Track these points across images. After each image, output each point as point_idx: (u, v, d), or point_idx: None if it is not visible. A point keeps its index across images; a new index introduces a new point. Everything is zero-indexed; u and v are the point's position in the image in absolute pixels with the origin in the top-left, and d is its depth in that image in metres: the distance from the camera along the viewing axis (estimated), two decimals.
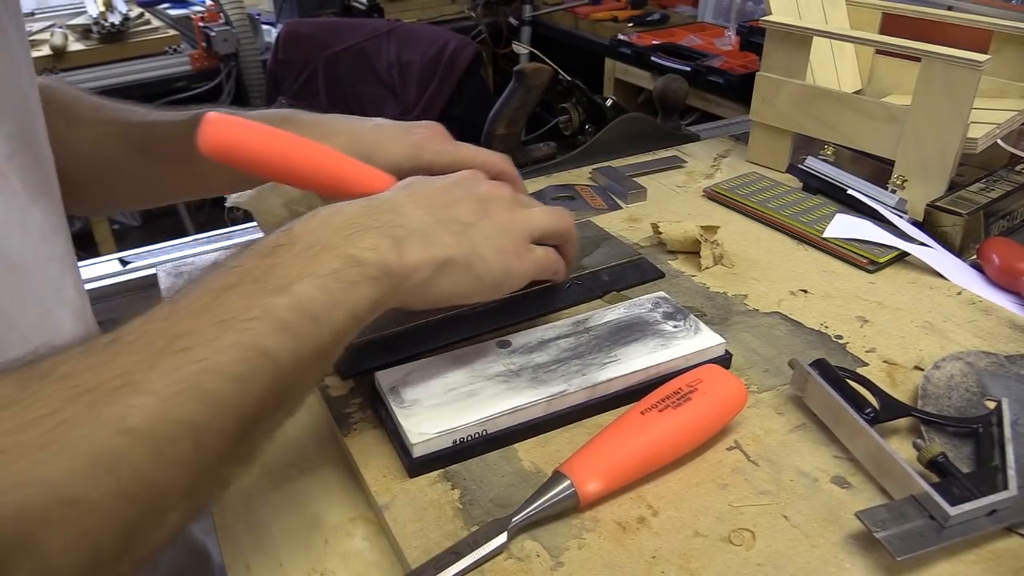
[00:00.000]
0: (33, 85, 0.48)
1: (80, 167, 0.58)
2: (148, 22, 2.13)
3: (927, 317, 0.60)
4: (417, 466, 0.45)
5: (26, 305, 0.42)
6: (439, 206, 0.45)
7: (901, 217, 0.70)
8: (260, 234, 0.44)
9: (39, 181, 0.45)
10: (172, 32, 2.12)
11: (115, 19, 2.01)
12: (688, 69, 1.82)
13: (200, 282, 0.36)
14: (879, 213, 0.71)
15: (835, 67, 0.91)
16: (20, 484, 0.27)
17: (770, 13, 0.82)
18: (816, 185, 0.77)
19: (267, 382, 0.34)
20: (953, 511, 0.39)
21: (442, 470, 0.45)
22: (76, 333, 0.45)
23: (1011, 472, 0.42)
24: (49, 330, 0.43)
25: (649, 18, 2.28)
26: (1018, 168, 0.76)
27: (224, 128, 0.46)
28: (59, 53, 1.92)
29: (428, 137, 0.55)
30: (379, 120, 0.57)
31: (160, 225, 2.56)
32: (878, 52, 0.93)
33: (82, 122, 0.59)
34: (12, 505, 0.27)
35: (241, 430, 0.33)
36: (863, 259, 0.66)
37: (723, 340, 0.52)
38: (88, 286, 0.81)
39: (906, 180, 0.73)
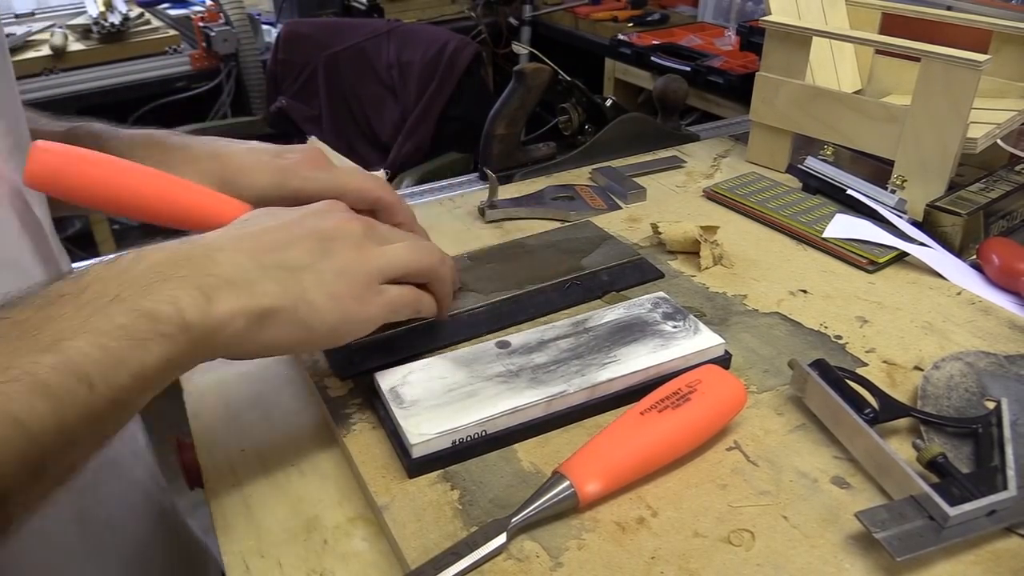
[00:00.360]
0: (15, 86, 0.47)
1: None
2: (148, 22, 2.13)
3: (927, 317, 0.60)
4: (416, 467, 0.45)
5: None
6: (267, 249, 0.41)
7: (901, 217, 0.70)
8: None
9: (18, 152, 0.44)
10: (172, 32, 2.12)
11: (115, 19, 2.01)
12: (688, 69, 1.82)
13: None
14: (879, 213, 0.70)
15: (835, 67, 0.91)
16: None
17: (770, 13, 0.82)
18: (816, 185, 0.77)
19: (18, 453, 0.30)
20: (953, 511, 0.39)
21: (441, 471, 0.45)
22: None
23: (1010, 472, 0.42)
24: None
25: (649, 18, 2.28)
26: (1018, 168, 0.76)
27: (47, 158, 0.43)
28: (59, 53, 1.93)
29: (299, 162, 0.52)
30: (253, 144, 0.54)
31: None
32: (878, 52, 0.93)
33: None
34: None
35: None
36: (863, 259, 0.66)
37: (722, 340, 0.52)
38: None
39: (906, 180, 0.73)
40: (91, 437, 0.34)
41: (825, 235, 0.69)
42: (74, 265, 0.83)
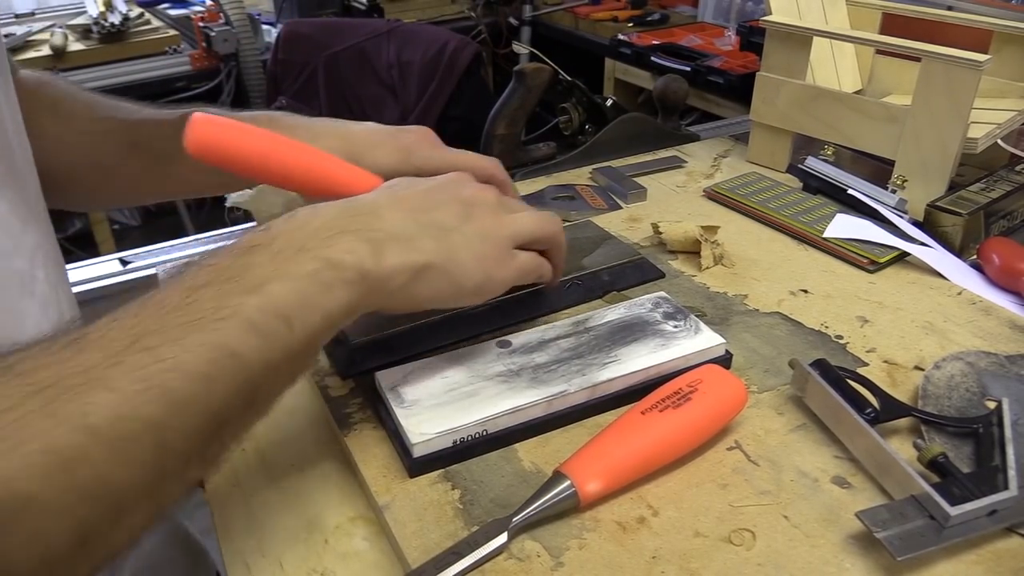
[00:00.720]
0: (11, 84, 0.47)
1: (71, 163, 0.58)
2: (148, 22, 2.14)
3: (927, 317, 0.60)
4: (417, 466, 0.45)
5: None
6: (420, 210, 0.44)
7: (901, 217, 0.70)
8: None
9: (4, 173, 0.44)
10: (172, 32, 2.12)
11: (115, 19, 2.01)
12: (688, 69, 1.82)
13: (173, 280, 0.36)
14: (879, 213, 0.70)
15: (835, 67, 0.91)
16: None
17: (770, 13, 0.82)
18: (816, 185, 0.77)
19: (234, 382, 0.33)
20: (953, 511, 0.39)
21: (442, 470, 0.45)
22: (42, 327, 0.44)
23: (1011, 472, 0.42)
24: (11, 323, 0.43)
25: (649, 18, 2.28)
26: (1018, 168, 0.76)
27: (209, 129, 0.46)
28: (59, 53, 1.93)
29: (417, 141, 0.55)
30: (368, 124, 0.57)
31: (160, 225, 2.56)
32: (878, 52, 0.93)
33: (74, 118, 0.59)
34: None
35: (207, 430, 0.33)
36: (863, 259, 0.66)
37: (723, 340, 0.52)
38: (88, 286, 0.81)
39: (906, 180, 0.73)
40: (289, 372, 0.38)
41: (826, 235, 0.69)
42: (80, 265, 0.83)
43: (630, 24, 2.26)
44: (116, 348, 0.31)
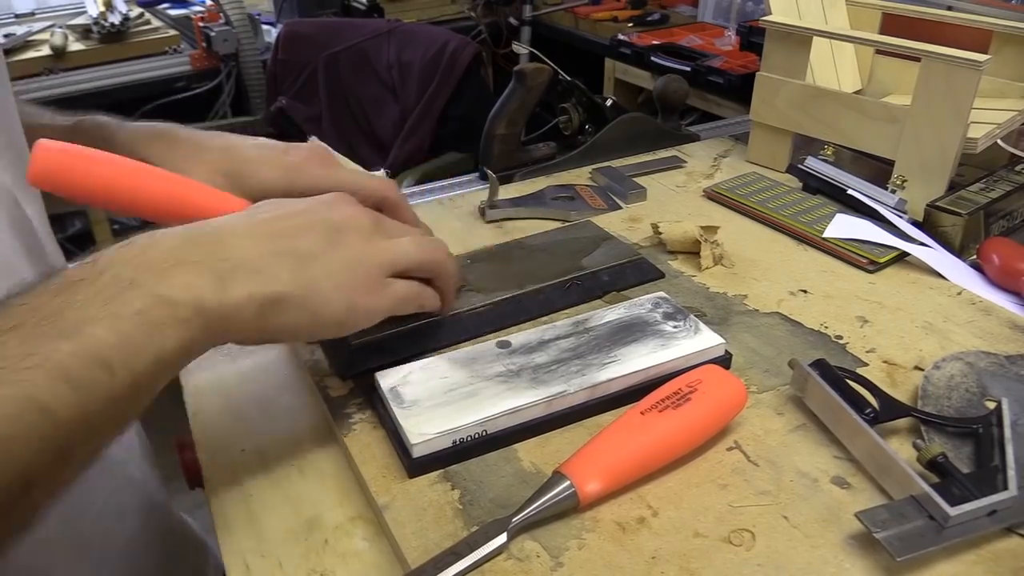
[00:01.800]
0: (8, 84, 0.46)
1: None
2: (148, 22, 2.13)
3: (927, 317, 0.60)
4: (417, 466, 0.45)
5: None
6: (278, 235, 0.41)
7: (901, 217, 0.70)
8: None
9: (7, 149, 0.44)
10: (172, 32, 2.12)
11: (115, 19, 2.01)
12: (688, 69, 1.82)
13: None
14: (879, 213, 0.70)
15: (835, 67, 0.91)
16: None
17: (770, 13, 0.82)
18: (816, 185, 0.77)
19: (43, 439, 0.31)
20: (953, 511, 0.39)
21: (442, 470, 0.45)
22: None
23: (1011, 472, 0.42)
24: None
25: (649, 18, 2.28)
26: (1018, 168, 0.76)
27: (52, 156, 0.43)
28: (59, 53, 1.92)
29: (306, 159, 0.52)
30: (259, 140, 0.54)
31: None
32: (878, 52, 0.93)
33: None
34: None
35: (10, 492, 0.30)
36: (863, 259, 0.66)
37: (723, 340, 0.52)
38: None
39: (906, 180, 0.73)
40: (113, 421, 0.35)
41: (825, 235, 0.69)
42: (72, 266, 0.83)
43: (630, 24, 2.26)
44: None
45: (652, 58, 1.94)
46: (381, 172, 0.61)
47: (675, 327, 0.53)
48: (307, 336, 0.44)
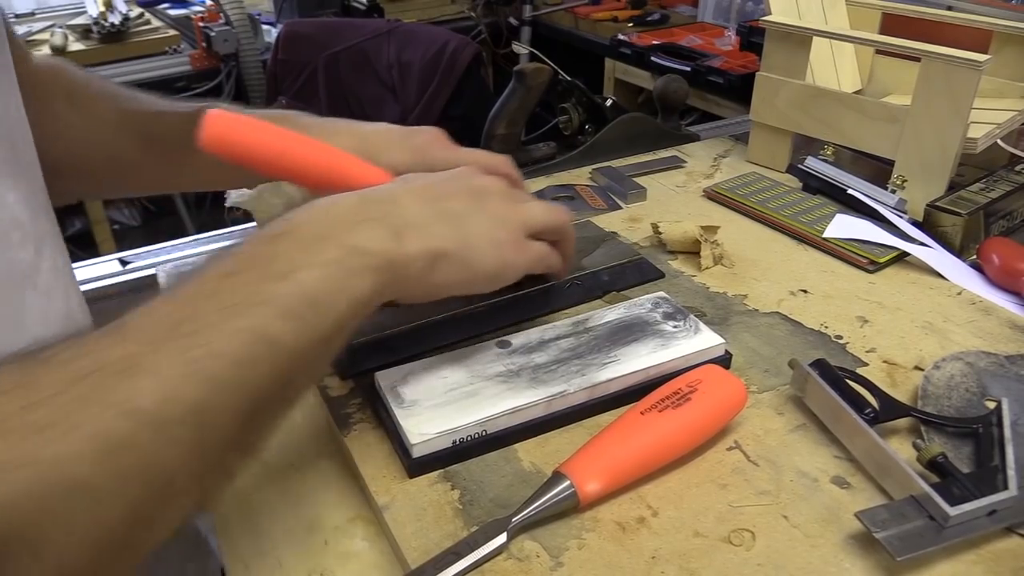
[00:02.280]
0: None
1: (85, 152, 0.59)
2: (148, 22, 2.13)
3: (927, 317, 0.60)
4: (417, 466, 0.45)
5: None
6: (435, 198, 0.45)
7: (901, 217, 0.70)
8: None
9: (11, 163, 0.44)
10: (172, 32, 2.12)
11: (115, 19, 2.01)
12: (688, 69, 1.82)
13: (203, 269, 0.36)
14: (879, 213, 0.70)
15: (835, 67, 0.91)
16: (22, 466, 0.27)
17: (770, 13, 0.82)
18: (816, 185, 0.77)
19: (271, 367, 0.34)
20: (953, 511, 0.39)
21: (442, 470, 0.45)
22: (47, 317, 0.44)
23: (1011, 472, 0.42)
24: (11, 315, 0.42)
25: (649, 18, 2.28)
26: (1018, 168, 0.76)
27: (224, 124, 0.47)
28: (59, 53, 1.92)
29: (430, 141, 0.56)
30: (380, 124, 0.57)
31: (160, 225, 2.56)
32: (878, 52, 0.93)
33: (90, 108, 0.59)
34: (12, 490, 0.26)
35: (245, 415, 0.34)
36: (863, 259, 0.66)
37: (723, 340, 0.52)
38: (88, 286, 0.81)
39: (906, 180, 0.73)
40: (320, 358, 0.39)
41: (825, 235, 0.69)
42: (80, 265, 0.83)
43: (630, 24, 2.26)
44: (155, 335, 0.32)
45: (652, 58, 1.94)
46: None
47: (675, 327, 0.53)
48: (462, 289, 0.46)
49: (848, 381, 0.49)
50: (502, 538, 0.40)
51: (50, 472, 0.27)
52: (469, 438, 0.46)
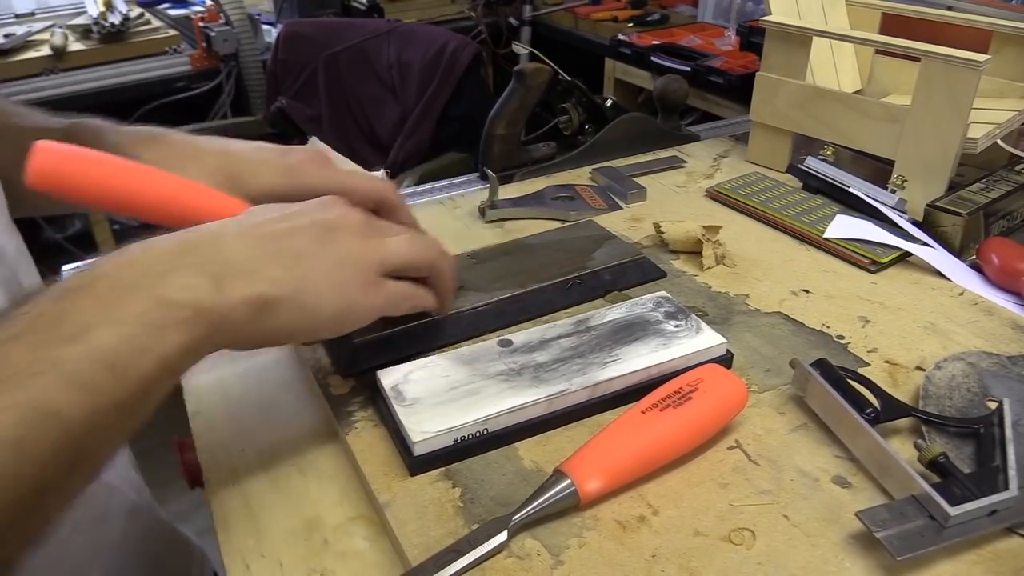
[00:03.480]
0: None
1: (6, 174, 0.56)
2: (148, 22, 2.13)
3: (929, 317, 0.60)
4: (418, 464, 0.45)
5: None
6: (271, 237, 0.42)
7: (901, 217, 0.70)
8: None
9: None
10: (172, 32, 2.12)
11: (115, 19, 2.01)
12: (688, 69, 1.82)
13: None
14: (880, 213, 0.70)
15: (835, 67, 0.91)
16: None
17: (770, 13, 0.82)
18: (816, 185, 0.77)
19: (54, 445, 0.31)
20: (953, 511, 0.39)
21: (443, 468, 0.45)
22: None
23: (1012, 472, 0.42)
24: None
25: (649, 18, 2.28)
26: (1018, 168, 0.76)
27: (52, 158, 0.43)
28: (59, 53, 1.92)
29: (305, 161, 0.52)
30: (256, 143, 0.54)
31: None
32: (878, 52, 0.93)
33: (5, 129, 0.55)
34: None
35: (23, 502, 0.30)
36: (865, 259, 0.66)
37: (724, 340, 0.52)
38: None
39: (906, 180, 0.73)
40: (120, 425, 0.35)
41: (827, 235, 0.69)
42: (71, 266, 0.83)
43: (630, 24, 2.26)
44: None
45: (652, 58, 1.94)
46: (381, 172, 0.61)
47: (677, 326, 0.53)
48: (304, 336, 0.44)
49: (849, 381, 0.49)
50: (503, 536, 0.40)
51: None
52: (470, 436, 0.46)
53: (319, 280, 0.42)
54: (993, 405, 0.49)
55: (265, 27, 2.28)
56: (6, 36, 1.95)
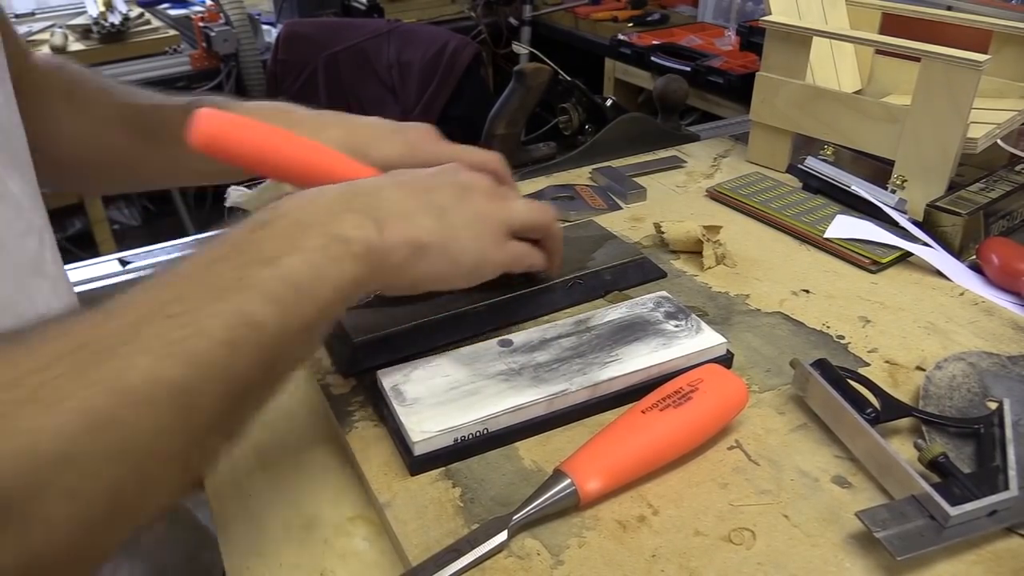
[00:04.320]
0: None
1: (83, 148, 0.59)
2: (148, 22, 2.13)
3: (929, 318, 0.60)
4: (418, 464, 0.45)
5: (3, 278, 0.42)
6: (420, 191, 0.46)
7: (901, 217, 0.70)
8: None
9: (10, 155, 0.45)
10: (172, 32, 2.12)
11: (115, 19, 2.01)
12: (688, 69, 1.82)
13: (191, 254, 0.37)
14: (881, 213, 0.70)
15: (835, 67, 0.91)
16: (6, 439, 0.27)
17: (770, 13, 0.82)
18: (816, 185, 0.77)
19: (256, 350, 0.34)
20: (953, 511, 0.39)
21: (443, 468, 0.45)
22: (52, 307, 0.45)
23: (1012, 473, 0.42)
24: (26, 303, 0.43)
25: (649, 18, 2.28)
26: (1018, 168, 0.76)
27: (214, 124, 0.47)
28: (59, 53, 1.92)
29: (421, 136, 0.57)
30: (372, 118, 0.58)
31: (160, 225, 2.56)
32: (878, 52, 0.93)
33: (89, 105, 0.59)
34: None
35: (229, 397, 0.34)
36: (865, 259, 0.66)
37: (725, 340, 0.52)
38: (88, 286, 0.81)
39: (906, 180, 0.73)
40: (303, 343, 0.39)
41: (827, 235, 0.69)
42: (80, 265, 0.83)
43: (630, 24, 2.26)
44: (143, 315, 0.32)
45: (652, 58, 1.94)
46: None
47: (677, 326, 0.53)
48: (444, 283, 0.47)
49: (849, 381, 0.49)
50: (503, 536, 0.40)
51: (33, 447, 0.27)
52: (470, 436, 0.46)
53: (461, 231, 0.46)
54: (993, 405, 0.49)
55: (265, 27, 2.28)
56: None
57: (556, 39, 2.39)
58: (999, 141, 0.76)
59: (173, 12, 2.33)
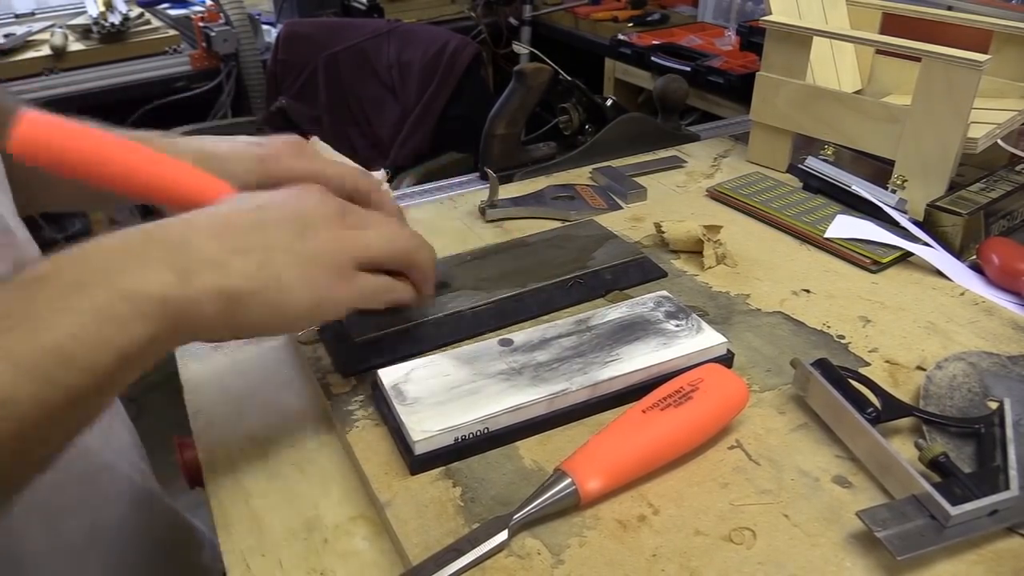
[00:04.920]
0: None
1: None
2: (148, 22, 2.13)
3: (930, 317, 0.60)
4: (419, 463, 0.45)
5: None
6: (243, 230, 0.41)
7: (902, 217, 0.70)
8: None
9: None
10: (172, 32, 2.11)
11: (115, 19, 2.01)
12: (688, 69, 1.82)
13: None
14: (881, 213, 0.70)
15: (835, 67, 0.91)
16: None
17: (770, 13, 0.82)
18: (816, 185, 0.77)
19: (3, 431, 0.31)
20: (954, 511, 0.39)
21: (443, 467, 0.45)
22: None
23: (1012, 472, 0.42)
24: None
25: (649, 18, 2.28)
26: (1018, 168, 0.76)
27: (38, 127, 0.42)
28: (59, 53, 1.92)
29: (280, 150, 0.52)
30: (237, 137, 0.54)
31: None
32: (878, 52, 0.93)
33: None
34: None
35: None
36: (866, 259, 0.66)
37: (725, 339, 0.52)
38: None
39: (906, 180, 0.73)
40: (74, 417, 0.35)
41: (827, 235, 0.69)
42: None
43: (630, 24, 2.26)
44: None
45: (652, 58, 1.94)
46: (382, 172, 0.61)
47: (677, 326, 0.53)
48: (275, 330, 0.44)
49: (850, 381, 0.49)
50: (503, 535, 0.40)
51: None
52: (471, 435, 0.46)
53: (289, 274, 0.41)
54: (994, 405, 0.49)
55: (265, 27, 2.28)
56: (6, 36, 1.95)
57: (556, 39, 2.39)
58: (999, 141, 0.76)
59: (173, 12, 2.32)
